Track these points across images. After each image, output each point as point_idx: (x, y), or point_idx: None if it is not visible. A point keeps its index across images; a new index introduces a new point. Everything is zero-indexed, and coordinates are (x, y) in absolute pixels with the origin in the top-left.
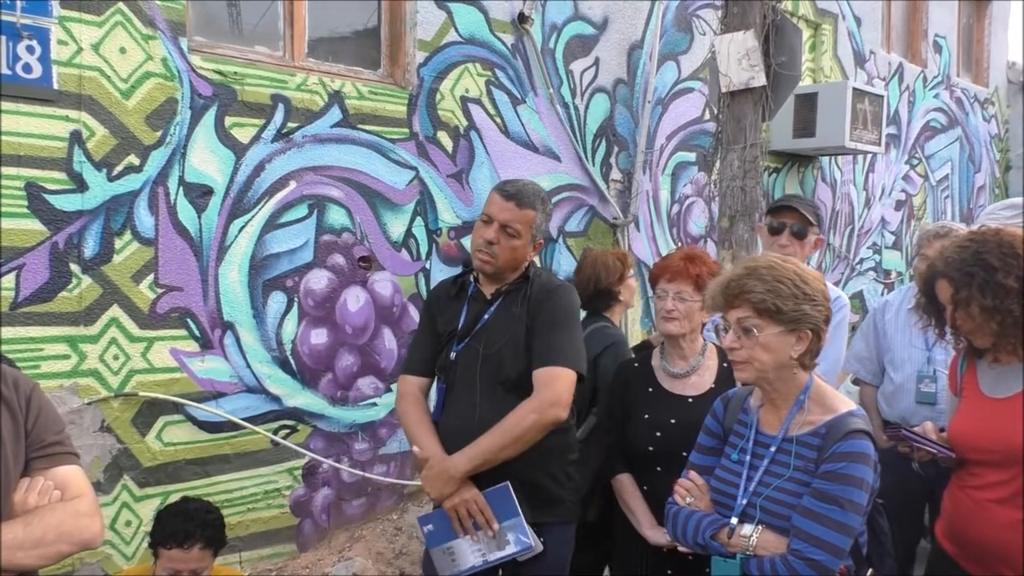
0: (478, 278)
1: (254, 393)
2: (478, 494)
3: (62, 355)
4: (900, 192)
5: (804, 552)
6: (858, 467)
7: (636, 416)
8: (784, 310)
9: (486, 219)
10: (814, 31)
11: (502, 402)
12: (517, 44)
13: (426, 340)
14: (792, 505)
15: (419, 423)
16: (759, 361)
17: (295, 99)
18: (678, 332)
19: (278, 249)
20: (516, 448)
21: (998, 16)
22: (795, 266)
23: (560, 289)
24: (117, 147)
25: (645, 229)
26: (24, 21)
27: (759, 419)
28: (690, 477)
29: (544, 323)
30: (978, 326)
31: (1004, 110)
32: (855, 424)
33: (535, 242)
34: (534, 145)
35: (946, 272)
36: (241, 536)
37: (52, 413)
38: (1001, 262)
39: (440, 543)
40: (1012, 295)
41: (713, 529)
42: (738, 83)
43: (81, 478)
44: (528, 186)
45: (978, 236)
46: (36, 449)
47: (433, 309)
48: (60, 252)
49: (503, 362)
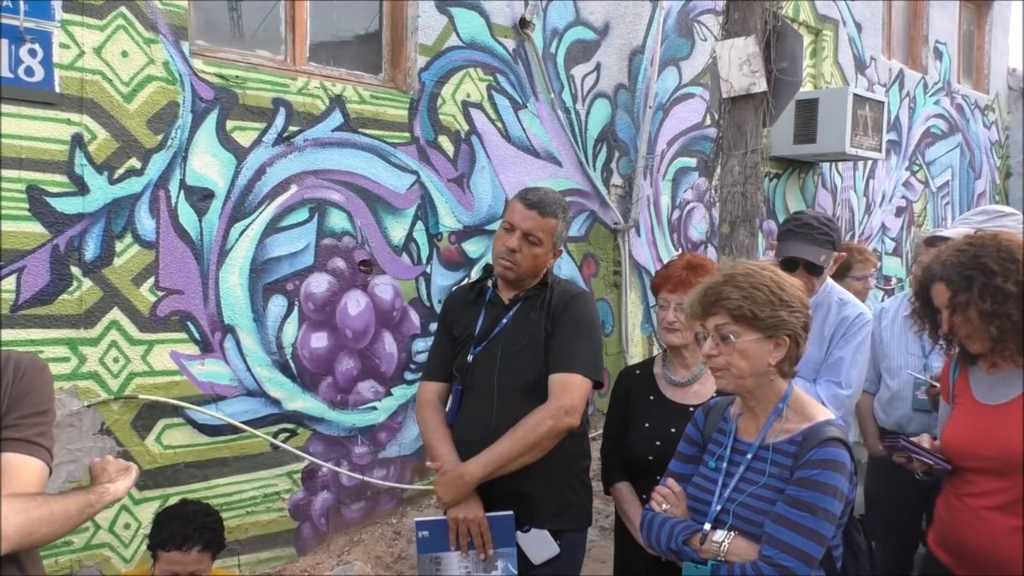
0: (496, 283)
1: (254, 396)
2: (483, 517)
3: (62, 357)
4: (900, 198)
5: (775, 559)
6: (832, 475)
7: (636, 424)
8: (761, 316)
9: (508, 227)
10: (815, 37)
11: (519, 406)
12: (518, 49)
13: (443, 346)
14: (766, 512)
15: (437, 431)
16: (737, 368)
17: (296, 103)
18: (680, 343)
19: (279, 253)
20: (532, 455)
21: (998, 22)
22: (772, 273)
23: (581, 296)
24: (118, 150)
25: (646, 234)
26: (26, 24)
27: (738, 427)
28: (667, 484)
29: (564, 329)
30: (975, 331)
31: (1004, 116)
32: (831, 432)
33: (555, 250)
34: (535, 150)
35: (943, 275)
36: (240, 539)
37: (38, 395)
38: (1000, 266)
39: (430, 551)
40: (1011, 299)
41: (686, 535)
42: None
43: (30, 472)
44: (550, 195)
45: (976, 240)
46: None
47: (449, 315)
48: (61, 255)
49: (521, 366)
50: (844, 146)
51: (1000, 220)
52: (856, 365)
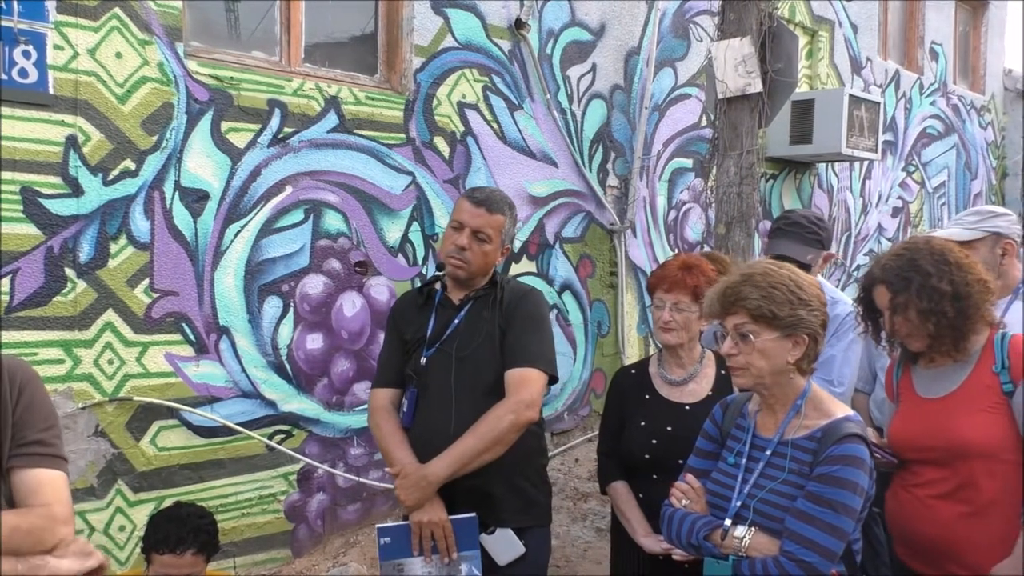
0: (445, 285)
1: (249, 398)
2: (447, 519)
3: (56, 359)
4: (897, 199)
5: (795, 554)
6: (852, 471)
7: (632, 423)
8: (780, 315)
9: (457, 226)
10: (811, 38)
11: (478, 405)
12: (514, 50)
13: (394, 352)
14: (786, 508)
15: (393, 435)
16: (756, 367)
17: (291, 104)
18: (676, 342)
19: (274, 254)
20: (495, 451)
21: (994, 23)
22: (790, 272)
23: (532, 293)
24: (113, 152)
25: (642, 235)
26: (20, 26)
27: (756, 423)
28: (686, 480)
29: (517, 325)
30: (914, 329)
31: (1001, 117)
32: (851, 428)
33: (504, 247)
34: (531, 151)
35: (884, 278)
36: (236, 541)
37: (42, 409)
38: (935, 268)
39: (393, 557)
40: (946, 298)
41: (707, 530)
42: (734, 89)
43: (58, 485)
44: (496, 192)
45: (911, 245)
46: (16, 447)
47: (399, 320)
48: (55, 256)
49: (479, 366)
50: (840, 147)
51: (993, 220)
52: (848, 363)
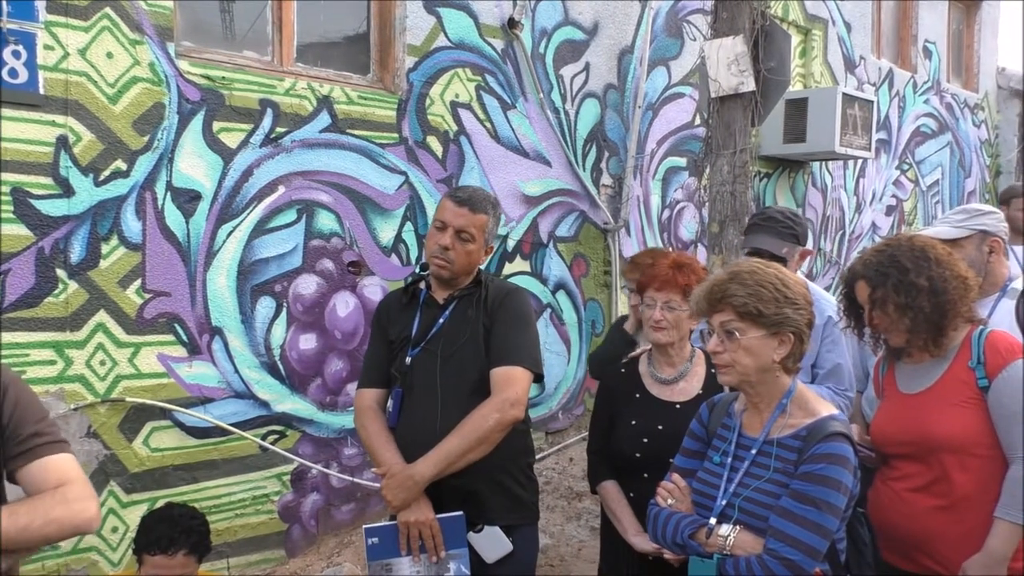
0: (430, 285)
1: (242, 398)
2: (434, 519)
3: (48, 360)
4: (891, 197)
5: (779, 552)
6: (837, 469)
7: (622, 422)
8: (766, 313)
9: (440, 225)
10: (804, 36)
11: (464, 404)
12: (507, 49)
13: (379, 352)
14: (770, 506)
15: (379, 435)
16: (741, 364)
17: (284, 104)
18: (667, 341)
19: (267, 254)
20: (481, 450)
21: (988, 21)
22: (777, 270)
23: (516, 292)
24: (104, 152)
25: (636, 234)
26: (10, 26)
27: (742, 422)
28: (672, 479)
29: (502, 324)
30: (892, 323)
31: (994, 115)
32: (835, 427)
33: (487, 246)
34: (524, 150)
35: (864, 274)
36: (229, 542)
37: (31, 405)
38: (913, 264)
39: (381, 558)
40: (923, 293)
41: (691, 529)
42: (727, 88)
43: (68, 465)
44: (479, 191)
45: (892, 241)
46: (14, 445)
47: (384, 320)
48: (46, 257)
49: (465, 365)
50: (834, 145)
51: (980, 218)
52: (844, 360)
